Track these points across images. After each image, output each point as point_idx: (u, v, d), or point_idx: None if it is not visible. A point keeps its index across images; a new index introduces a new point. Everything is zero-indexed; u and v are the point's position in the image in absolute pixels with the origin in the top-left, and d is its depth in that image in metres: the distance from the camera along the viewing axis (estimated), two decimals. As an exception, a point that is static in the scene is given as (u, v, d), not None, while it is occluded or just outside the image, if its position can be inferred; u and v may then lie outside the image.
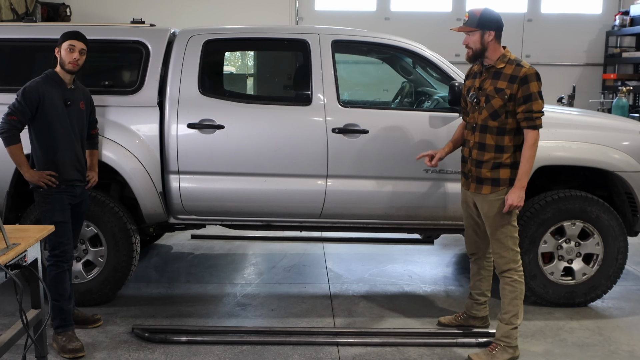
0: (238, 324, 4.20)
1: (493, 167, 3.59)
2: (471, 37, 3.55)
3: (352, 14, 10.18)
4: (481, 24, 3.52)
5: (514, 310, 3.67)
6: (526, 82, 3.46)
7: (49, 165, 3.71)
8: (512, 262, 3.66)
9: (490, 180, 3.61)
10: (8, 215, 4.29)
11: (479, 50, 3.57)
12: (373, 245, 5.99)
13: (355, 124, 4.28)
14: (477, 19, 3.53)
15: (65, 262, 3.74)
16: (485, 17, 3.53)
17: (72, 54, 3.70)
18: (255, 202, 4.36)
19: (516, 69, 3.50)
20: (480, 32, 3.53)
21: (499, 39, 3.58)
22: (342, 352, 3.80)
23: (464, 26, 3.58)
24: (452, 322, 4.17)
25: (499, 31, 3.56)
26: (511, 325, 3.68)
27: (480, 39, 3.53)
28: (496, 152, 3.57)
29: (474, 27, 3.54)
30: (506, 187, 3.58)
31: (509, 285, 3.68)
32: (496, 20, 3.56)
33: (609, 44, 10.28)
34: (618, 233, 4.37)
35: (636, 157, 4.37)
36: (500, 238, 3.65)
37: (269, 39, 4.74)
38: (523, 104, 3.48)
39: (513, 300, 3.67)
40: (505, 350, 3.67)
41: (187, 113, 4.29)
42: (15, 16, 8.41)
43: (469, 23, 3.56)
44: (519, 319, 3.69)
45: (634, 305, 4.64)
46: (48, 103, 3.66)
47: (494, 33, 3.54)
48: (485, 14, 3.54)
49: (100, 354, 3.74)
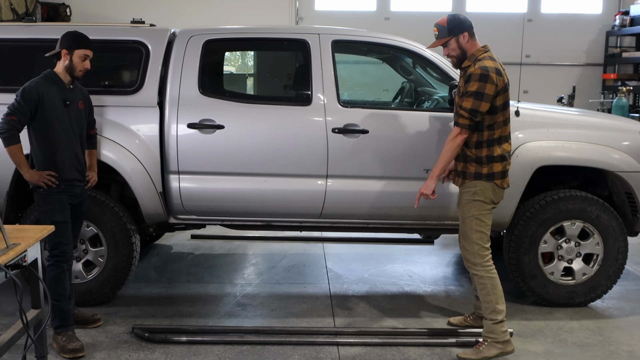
0: (238, 324, 4.20)
1: (463, 161, 3.70)
2: (449, 46, 3.65)
3: (352, 14, 10.18)
4: (451, 30, 3.61)
5: (490, 306, 3.67)
6: (469, 81, 3.56)
7: (48, 165, 3.71)
8: (476, 256, 3.68)
9: (461, 173, 3.74)
10: (8, 215, 4.28)
11: (460, 55, 3.66)
12: (373, 245, 5.99)
13: (355, 124, 4.28)
14: (446, 29, 3.62)
15: (65, 262, 3.74)
16: (453, 23, 3.62)
17: (85, 63, 3.76)
18: (255, 202, 4.36)
19: (473, 67, 3.57)
20: (454, 38, 3.62)
21: (474, 37, 3.66)
22: (342, 352, 3.80)
23: (438, 40, 3.68)
24: (462, 322, 4.17)
25: (470, 30, 3.65)
26: (492, 321, 3.67)
27: (457, 44, 3.63)
28: (476, 147, 3.65)
29: (447, 36, 3.63)
30: (471, 180, 3.67)
31: (478, 283, 3.73)
32: (464, 21, 3.65)
33: (609, 44, 10.28)
34: (618, 233, 4.37)
35: (636, 157, 4.37)
36: (465, 230, 3.71)
37: (269, 39, 4.74)
38: (460, 99, 3.61)
39: (486, 296, 3.68)
40: (493, 346, 3.66)
41: (187, 113, 4.29)
42: (15, 16, 8.41)
43: (441, 35, 3.66)
44: (498, 313, 3.66)
45: (634, 305, 4.64)
46: (47, 103, 3.66)
47: (467, 34, 3.63)
48: (451, 21, 3.63)
49: (100, 354, 3.74)
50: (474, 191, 3.67)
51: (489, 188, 3.66)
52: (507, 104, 3.65)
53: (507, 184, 3.76)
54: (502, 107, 3.62)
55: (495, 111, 3.59)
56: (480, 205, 3.66)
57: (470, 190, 3.68)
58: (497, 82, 3.51)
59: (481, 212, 3.67)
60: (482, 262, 3.68)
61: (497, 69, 3.55)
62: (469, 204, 3.69)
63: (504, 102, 3.62)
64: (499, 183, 3.68)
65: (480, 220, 3.67)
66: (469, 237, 3.70)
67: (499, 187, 3.69)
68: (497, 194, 3.70)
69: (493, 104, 3.55)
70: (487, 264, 3.69)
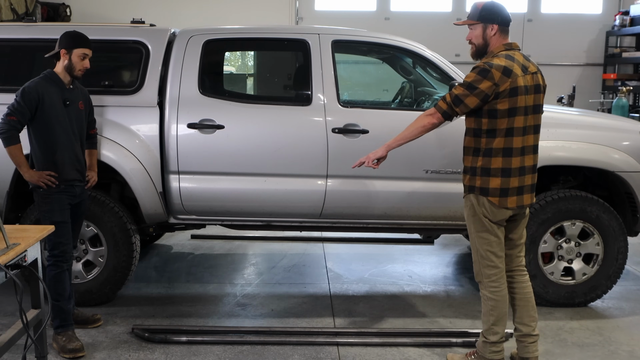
0: (238, 324, 4.20)
1: (471, 174, 3.36)
2: (473, 31, 3.35)
3: (352, 14, 10.19)
4: (482, 16, 3.29)
5: (486, 325, 3.45)
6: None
7: (48, 165, 3.71)
8: (480, 275, 3.43)
9: (467, 187, 3.41)
10: (8, 215, 4.29)
11: (481, 46, 3.35)
12: (373, 245, 5.98)
13: (355, 124, 4.28)
14: (478, 12, 3.30)
15: (65, 262, 3.74)
16: (487, 10, 3.30)
17: (84, 62, 3.76)
18: (255, 202, 4.36)
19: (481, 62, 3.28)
20: (482, 25, 3.30)
21: (504, 34, 3.33)
22: (342, 352, 3.80)
23: (466, 20, 3.37)
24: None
25: (503, 25, 3.30)
26: (484, 339, 3.47)
27: (482, 33, 3.31)
28: (474, 155, 3.33)
29: (475, 20, 3.31)
30: (465, 193, 3.40)
31: (482, 298, 3.47)
32: (499, 13, 3.30)
33: (609, 44, 10.29)
34: (618, 233, 4.37)
35: (636, 157, 4.37)
36: (473, 246, 3.44)
37: (269, 39, 4.74)
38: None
39: (485, 315, 3.45)
40: None
41: (187, 113, 4.29)
42: (15, 16, 8.41)
43: (471, 16, 3.35)
44: (494, 334, 3.41)
45: (634, 305, 4.64)
46: (47, 103, 3.66)
47: (497, 27, 3.29)
48: (487, 6, 3.30)
49: (100, 354, 3.74)
50: (470, 205, 3.38)
51: (484, 203, 3.30)
52: (516, 111, 3.21)
53: (511, 204, 3.30)
54: (508, 113, 3.20)
55: (495, 115, 3.21)
56: (479, 221, 3.34)
57: (467, 205, 3.40)
58: (498, 81, 3.14)
59: (481, 230, 3.35)
60: (487, 281, 3.39)
61: (506, 68, 3.18)
62: (469, 220, 3.41)
63: (511, 107, 3.20)
64: (495, 201, 3.28)
65: (482, 238, 3.35)
66: (475, 253, 3.43)
67: (496, 205, 3.29)
68: (494, 212, 3.31)
69: (493, 106, 3.19)
70: (492, 285, 3.38)
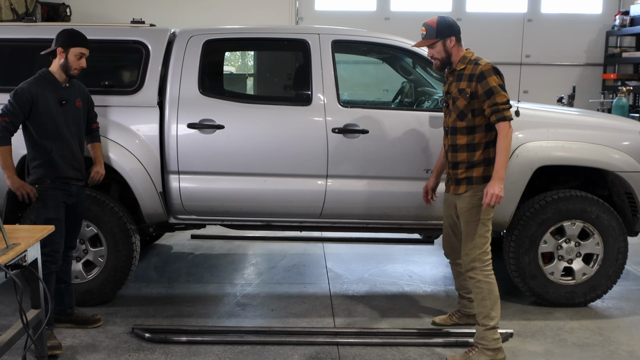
0: (238, 324, 4.20)
1: (467, 167, 3.63)
2: (434, 48, 3.63)
3: (352, 14, 10.18)
4: (439, 33, 3.59)
5: (484, 311, 3.61)
6: (484, 78, 3.51)
7: (45, 165, 3.69)
8: (477, 260, 3.62)
9: (465, 179, 3.64)
10: (8, 215, 4.28)
11: (444, 58, 3.64)
12: (373, 245, 5.99)
13: (355, 124, 4.28)
14: (434, 30, 3.60)
15: (54, 263, 3.68)
16: (442, 26, 3.60)
17: (80, 62, 3.73)
18: (255, 202, 4.36)
19: (474, 67, 3.55)
20: (442, 41, 3.60)
21: (460, 42, 3.66)
22: (342, 352, 3.80)
23: (424, 40, 3.66)
24: (446, 321, 4.17)
25: (458, 35, 3.64)
26: (484, 327, 3.62)
27: (443, 47, 3.61)
28: (468, 151, 3.61)
29: (434, 38, 3.61)
30: (479, 184, 3.60)
31: (474, 286, 3.66)
32: (453, 26, 3.63)
33: (609, 44, 10.28)
34: (618, 233, 4.37)
35: (636, 157, 4.37)
36: (470, 234, 3.64)
37: (269, 39, 4.74)
38: (487, 99, 3.51)
39: (481, 301, 3.62)
40: (483, 353, 3.60)
41: (187, 113, 4.29)
42: (15, 16, 8.40)
43: (428, 36, 3.63)
44: (491, 319, 3.60)
45: (634, 305, 4.64)
46: (42, 104, 3.64)
47: (454, 38, 3.62)
48: (441, 23, 3.60)
49: (100, 354, 3.74)
50: (469, 197, 3.63)
51: None
52: None
53: None
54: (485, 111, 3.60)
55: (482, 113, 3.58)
56: (487, 209, 3.59)
57: (478, 195, 3.60)
58: None
59: (488, 218, 3.63)
60: (482, 266, 3.62)
61: None
62: (471, 211, 3.63)
63: None
64: None
65: (484, 225, 3.62)
66: (473, 241, 3.63)
67: None
68: None
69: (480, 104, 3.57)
70: (486, 269, 3.63)
